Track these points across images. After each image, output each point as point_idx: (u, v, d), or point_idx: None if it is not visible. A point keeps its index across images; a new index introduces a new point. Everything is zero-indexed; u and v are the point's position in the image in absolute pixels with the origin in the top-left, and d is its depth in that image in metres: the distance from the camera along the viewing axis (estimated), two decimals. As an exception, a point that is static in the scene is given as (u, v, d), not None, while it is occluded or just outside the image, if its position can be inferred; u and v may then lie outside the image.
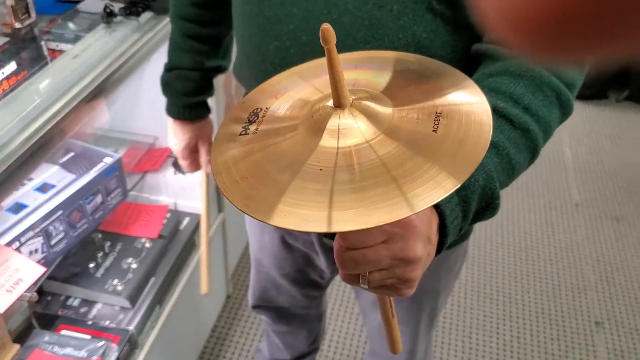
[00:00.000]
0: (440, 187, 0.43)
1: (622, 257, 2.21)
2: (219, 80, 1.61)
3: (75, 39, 1.25)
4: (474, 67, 0.70)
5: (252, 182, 0.47)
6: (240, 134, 0.52)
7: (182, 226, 1.56)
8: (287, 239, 1.03)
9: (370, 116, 0.48)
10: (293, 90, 0.56)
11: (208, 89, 1.10)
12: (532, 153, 0.64)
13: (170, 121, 1.13)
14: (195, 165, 1.19)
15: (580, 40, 0.19)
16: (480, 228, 2.32)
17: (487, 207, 0.61)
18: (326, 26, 0.45)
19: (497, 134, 0.61)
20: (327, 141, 0.47)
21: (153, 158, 1.61)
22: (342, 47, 0.59)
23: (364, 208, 0.42)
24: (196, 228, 1.56)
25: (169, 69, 1.07)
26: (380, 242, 0.52)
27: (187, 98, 1.08)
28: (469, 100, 0.50)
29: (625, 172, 2.66)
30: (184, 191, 1.62)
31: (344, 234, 0.52)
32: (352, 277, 0.54)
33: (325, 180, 0.45)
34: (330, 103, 0.49)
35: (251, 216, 0.44)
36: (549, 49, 0.19)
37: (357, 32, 0.70)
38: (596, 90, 3.12)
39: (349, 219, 0.42)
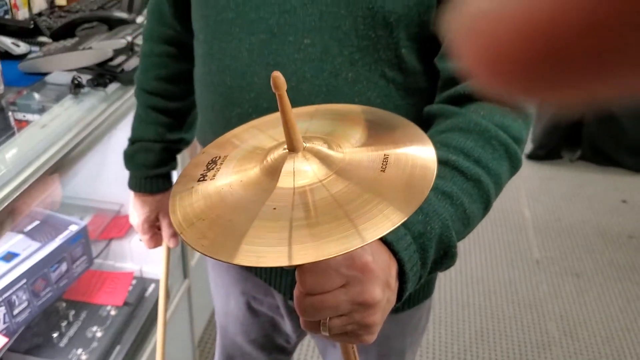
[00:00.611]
0: (388, 220, 0.45)
1: (584, 312, 2.26)
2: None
3: (42, 110, 1.27)
4: (425, 128, 0.74)
5: (212, 224, 0.49)
6: (199, 180, 0.54)
7: (147, 293, 1.55)
8: (252, 304, 1.04)
9: (322, 158, 0.51)
10: (250, 140, 0.59)
11: (170, 162, 1.09)
12: (485, 204, 0.67)
13: (131, 195, 1.12)
14: (155, 241, 1.15)
15: (567, 79, 0.18)
16: (445, 288, 2.35)
17: (445, 255, 0.63)
18: (276, 73, 0.48)
19: (451, 185, 0.64)
20: (284, 182, 0.50)
21: (118, 225, 1.62)
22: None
23: (320, 241, 0.45)
24: (162, 294, 1.55)
25: (132, 142, 1.07)
26: (339, 287, 0.53)
27: (148, 170, 1.07)
28: (414, 145, 0.53)
29: (582, 229, 2.75)
30: (149, 257, 1.62)
31: (302, 280, 0.53)
32: (313, 324, 0.55)
33: (283, 218, 0.47)
34: (285, 149, 0.52)
35: (213, 257, 0.46)
36: (531, 89, 0.19)
37: (316, 98, 0.74)
38: (550, 150, 3.25)
39: (307, 252, 0.44)
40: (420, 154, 0.52)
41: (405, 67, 0.74)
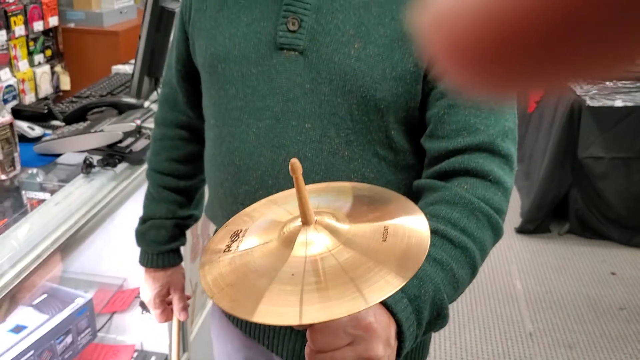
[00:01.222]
0: (389, 285, 0.53)
1: (577, 384, 2.27)
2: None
3: (53, 189, 1.36)
4: (416, 201, 0.83)
5: (237, 288, 0.57)
6: (224, 251, 0.63)
7: (148, 366, 1.59)
8: None
9: (331, 231, 0.60)
10: (268, 214, 0.68)
11: (180, 237, 1.15)
12: (472, 269, 0.75)
13: (142, 271, 1.16)
14: (166, 315, 1.18)
15: (527, 69, 0.19)
16: (440, 361, 2.38)
17: (438, 316, 0.71)
18: (294, 160, 0.58)
19: (441, 252, 0.72)
20: (297, 251, 0.58)
21: (121, 299, 1.67)
22: None
23: (328, 303, 0.52)
24: (162, 367, 1.59)
25: (143, 220, 1.13)
26: (346, 345, 0.61)
27: (160, 246, 1.12)
28: (410, 216, 0.62)
29: (573, 301, 2.80)
30: (150, 331, 1.67)
31: (314, 339, 0.60)
32: None
33: (296, 283, 0.55)
34: (299, 222, 0.60)
35: (236, 315, 0.54)
36: (493, 81, 0.20)
37: (316, 175, 0.84)
38: (539, 224, 3.33)
39: (316, 313, 0.52)
40: (415, 225, 0.60)
41: (395, 147, 0.84)
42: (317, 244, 0.59)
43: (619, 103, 3.05)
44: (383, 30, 0.80)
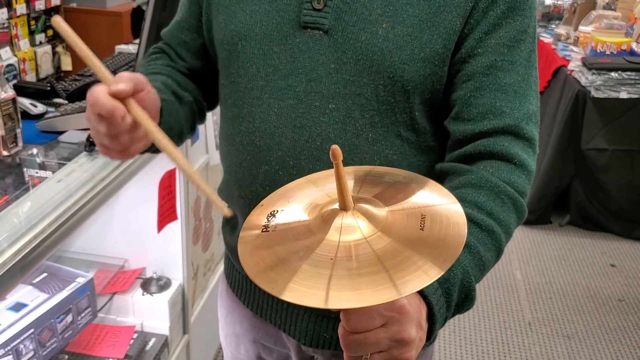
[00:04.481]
0: (426, 275, 0.53)
1: (576, 374, 2.28)
2: (189, 203, 1.71)
3: (55, 167, 1.34)
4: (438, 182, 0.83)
5: (271, 266, 0.57)
6: (262, 231, 0.62)
7: (148, 347, 1.58)
8: (262, 354, 1.07)
9: (369, 217, 0.59)
10: (305, 195, 0.67)
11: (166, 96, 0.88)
12: (497, 251, 0.76)
13: None
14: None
15: None
16: (440, 349, 2.37)
17: (466, 298, 0.72)
18: (335, 146, 0.57)
19: (468, 235, 0.71)
20: (332, 236, 0.58)
21: (122, 280, 1.66)
22: (326, 168, 0.71)
23: (357, 291, 0.52)
24: (162, 348, 1.58)
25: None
26: (379, 326, 0.60)
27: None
28: (447, 206, 0.61)
29: (572, 291, 2.80)
30: (150, 312, 1.66)
31: (347, 319, 0.60)
32: (356, 358, 0.61)
33: (328, 267, 0.55)
34: (336, 205, 0.60)
35: (269, 292, 0.54)
36: None
37: None
38: (540, 215, 3.33)
39: (343, 299, 0.51)
40: (452, 214, 0.60)
41: (418, 128, 0.84)
42: (354, 230, 0.58)
43: (624, 95, 3.03)
44: (412, 10, 0.79)
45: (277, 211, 0.65)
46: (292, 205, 0.66)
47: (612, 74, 3.04)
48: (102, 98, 0.68)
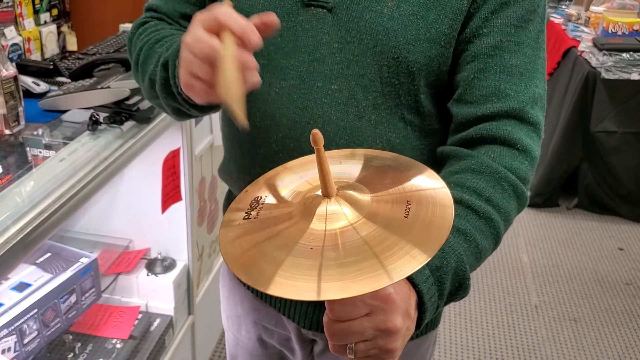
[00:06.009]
0: (414, 260, 0.51)
1: (581, 357, 2.27)
2: (194, 185, 1.69)
3: (58, 146, 1.33)
4: (439, 167, 0.80)
5: (253, 257, 0.54)
6: (244, 218, 0.60)
7: (152, 327, 1.58)
8: (263, 336, 1.06)
9: (353, 203, 0.57)
10: (287, 182, 0.65)
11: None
12: (495, 239, 0.73)
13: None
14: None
15: None
16: (445, 331, 2.37)
17: (460, 287, 0.69)
18: (315, 131, 0.55)
19: (464, 222, 0.70)
20: (316, 225, 0.56)
21: (126, 260, 1.65)
22: (327, 150, 0.68)
23: (348, 280, 0.50)
24: (167, 329, 1.58)
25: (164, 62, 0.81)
26: (364, 315, 0.58)
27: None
28: (434, 189, 0.59)
29: (579, 275, 2.78)
30: (155, 293, 1.65)
31: (332, 308, 0.58)
32: (340, 347, 0.60)
33: (315, 257, 0.53)
34: (319, 193, 0.58)
35: (252, 285, 0.51)
36: None
37: (340, 139, 0.80)
38: (547, 198, 3.30)
39: (335, 289, 0.49)
40: (438, 197, 0.58)
41: (422, 111, 0.81)
42: (338, 217, 0.56)
43: (635, 76, 2.98)
44: None
45: (261, 198, 0.63)
46: (276, 192, 0.64)
47: (624, 54, 2.99)
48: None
